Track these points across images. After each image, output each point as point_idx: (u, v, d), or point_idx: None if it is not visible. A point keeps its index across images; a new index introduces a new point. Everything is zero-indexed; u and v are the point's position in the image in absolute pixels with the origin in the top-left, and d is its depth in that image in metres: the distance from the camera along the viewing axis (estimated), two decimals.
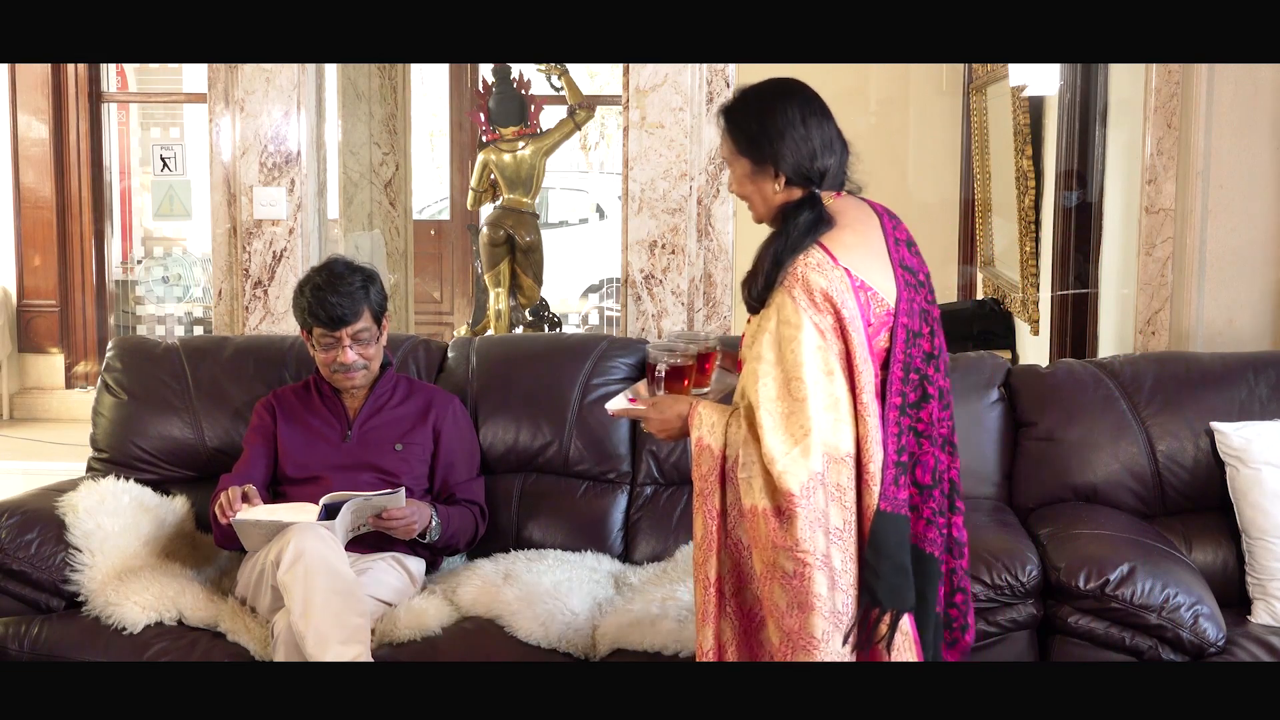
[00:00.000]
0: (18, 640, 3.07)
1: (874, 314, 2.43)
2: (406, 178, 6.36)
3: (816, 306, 2.39)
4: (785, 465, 2.33)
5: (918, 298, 2.51)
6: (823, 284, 2.39)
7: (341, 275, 3.18)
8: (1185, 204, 3.95)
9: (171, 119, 8.72)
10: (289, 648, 2.80)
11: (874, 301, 2.43)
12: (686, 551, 3.30)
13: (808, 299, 2.40)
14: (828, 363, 2.37)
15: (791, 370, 2.37)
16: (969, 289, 6.85)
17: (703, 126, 4.12)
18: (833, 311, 2.38)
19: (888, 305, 2.45)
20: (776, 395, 2.37)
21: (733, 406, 2.50)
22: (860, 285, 2.42)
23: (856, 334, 2.39)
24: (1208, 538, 3.20)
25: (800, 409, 2.35)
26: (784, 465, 2.33)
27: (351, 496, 2.99)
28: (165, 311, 7.62)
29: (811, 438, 2.33)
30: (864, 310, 2.41)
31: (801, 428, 2.34)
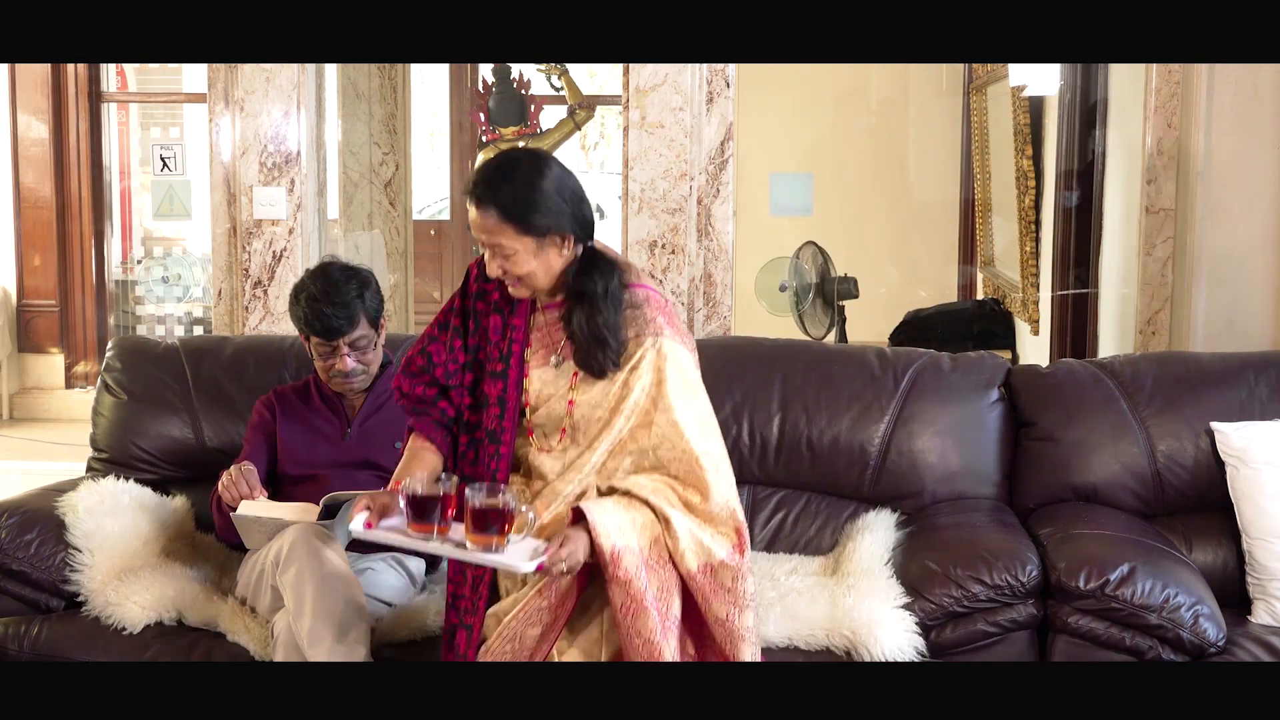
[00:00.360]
0: (18, 640, 3.07)
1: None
2: (406, 178, 6.36)
3: (690, 344, 2.57)
4: (734, 501, 2.50)
5: None
6: (681, 315, 2.46)
7: (337, 283, 3.14)
8: (1185, 204, 3.94)
9: (171, 119, 8.72)
10: (288, 648, 2.80)
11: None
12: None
13: (685, 336, 2.57)
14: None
15: (703, 411, 2.53)
16: (969, 289, 6.86)
17: (703, 126, 4.12)
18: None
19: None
20: (705, 439, 2.50)
21: (611, 491, 2.49)
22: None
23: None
24: (1208, 538, 3.20)
25: (721, 446, 2.53)
26: (734, 502, 2.50)
27: (352, 496, 2.99)
28: (165, 311, 7.62)
29: (728, 468, 2.53)
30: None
31: (726, 462, 2.52)
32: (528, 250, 2.48)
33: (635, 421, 2.50)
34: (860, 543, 3.13)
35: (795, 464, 3.41)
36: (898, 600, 2.86)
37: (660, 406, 2.48)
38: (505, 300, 2.61)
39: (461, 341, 2.66)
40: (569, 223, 2.49)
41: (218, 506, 3.15)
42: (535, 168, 2.49)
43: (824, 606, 2.88)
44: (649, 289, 2.58)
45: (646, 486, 2.46)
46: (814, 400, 3.41)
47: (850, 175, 6.60)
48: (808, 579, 3.07)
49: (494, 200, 2.46)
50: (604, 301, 2.49)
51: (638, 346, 2.50)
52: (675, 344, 2.52)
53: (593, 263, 2.53)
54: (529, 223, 2.46)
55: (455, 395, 2.66)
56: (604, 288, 2.50)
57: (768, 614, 2.88)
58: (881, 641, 2.78)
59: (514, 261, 2.49)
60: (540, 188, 2.46)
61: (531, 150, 2.61)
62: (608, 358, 2.49)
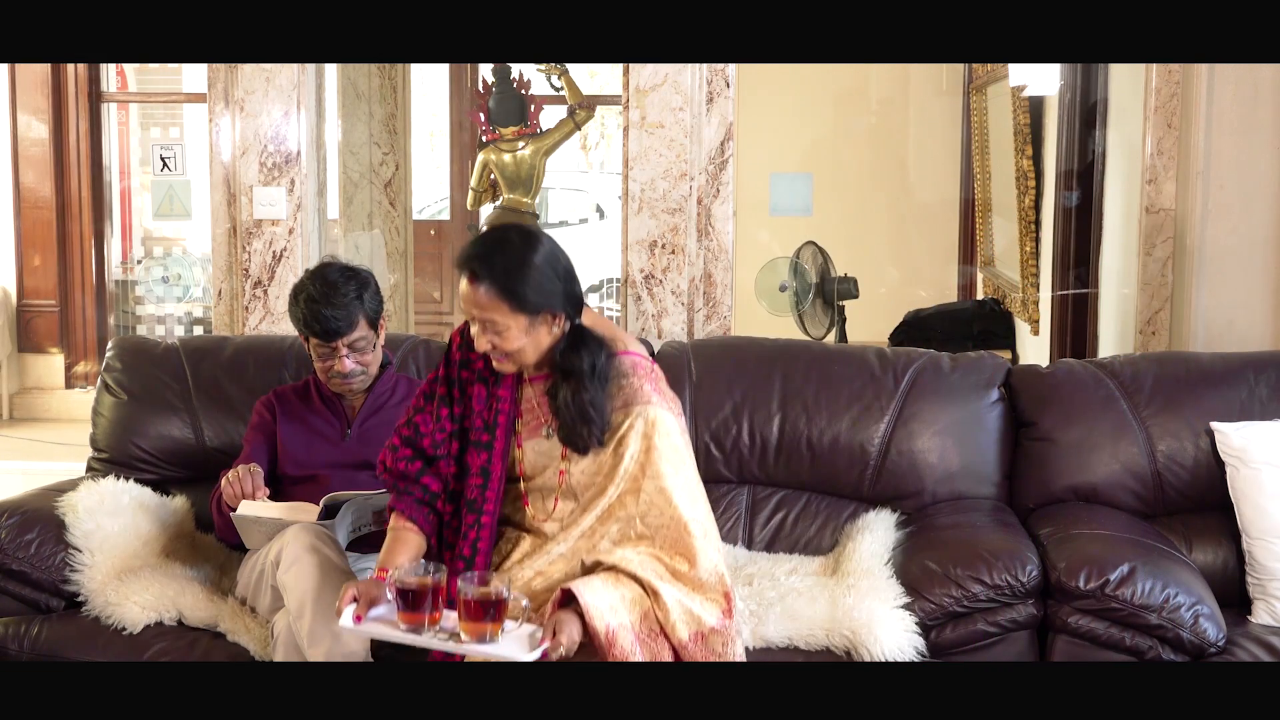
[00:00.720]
0: (18, 640, 3.07)
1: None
2: (406, 178, 6.36)
3: (676, 408, 2.60)
4: (721, 566, 2.53)
5: None
6: (664, 377, 2.62)
7: (335, 284, 3.13)
8: (1185, 204, 3.94)
9: (171, 119, 8.72)
10: (289, 647, 2.80)
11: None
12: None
13: (671, 400, 2.60)
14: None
15: (690, 477, 2.55)
16: (969, 289, 6.86)
17: (703, 126, 4.12)
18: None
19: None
20: (692, 505, 2.52)
21: (600, 568, 2.51)
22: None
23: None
24: (1208, 538, 3.20)
25: (709, 511, 2.57)
26: (721, 566, 2.52)
27: (352, 496, 2.99)
28: (165, 311, 7.62)
29: (715, 533, 2.57)
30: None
31: (713, 527, 2.56)
32: (519, 327, 2.50)
33: (624, 488, 2.54)
34: (860, 543, 3.13)
35: (795, 464, 3.41)
36: (898, 600, 2.86)
37: (649, 474, 2.51)
38: (489, 370, 2.63)
39: (448, 410, 2.69)
40: (560, 301, 2.52)
41: (218, 507, 3.15)
42: (530, 245, 2.51)
43: (824, 606, 2.88)
44: (635, 355, 2.61)
45: (633, 560, 2.49)
46: (814, 400, 3.41)
47: (850, 175, 6.59)
48: (808, 579, 3.07)
49: (489, 276, 2.47)
50: (590, 380, 2.52)
51: (626, 415, 2.54)
52: (663, 411, 2.55)
53: (580, 340, 2.55)
54: (523, 300, 2.48)
55: (443, 465, 2.68)
56: (590, 365, 2.52)
57: (767, 614, 2.88)
58: (881, 641, 2.78)
59: (505, 338, 2.51)
60: (535, 265, 2.48)
61: (524, 227, 2.62)
62: (592, 435, 2.52)
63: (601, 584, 2.45)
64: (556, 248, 2.55)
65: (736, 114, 4.15)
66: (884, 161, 6.74)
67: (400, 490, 2.69)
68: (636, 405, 2.54)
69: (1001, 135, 6.06)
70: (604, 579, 2.47)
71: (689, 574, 2.50)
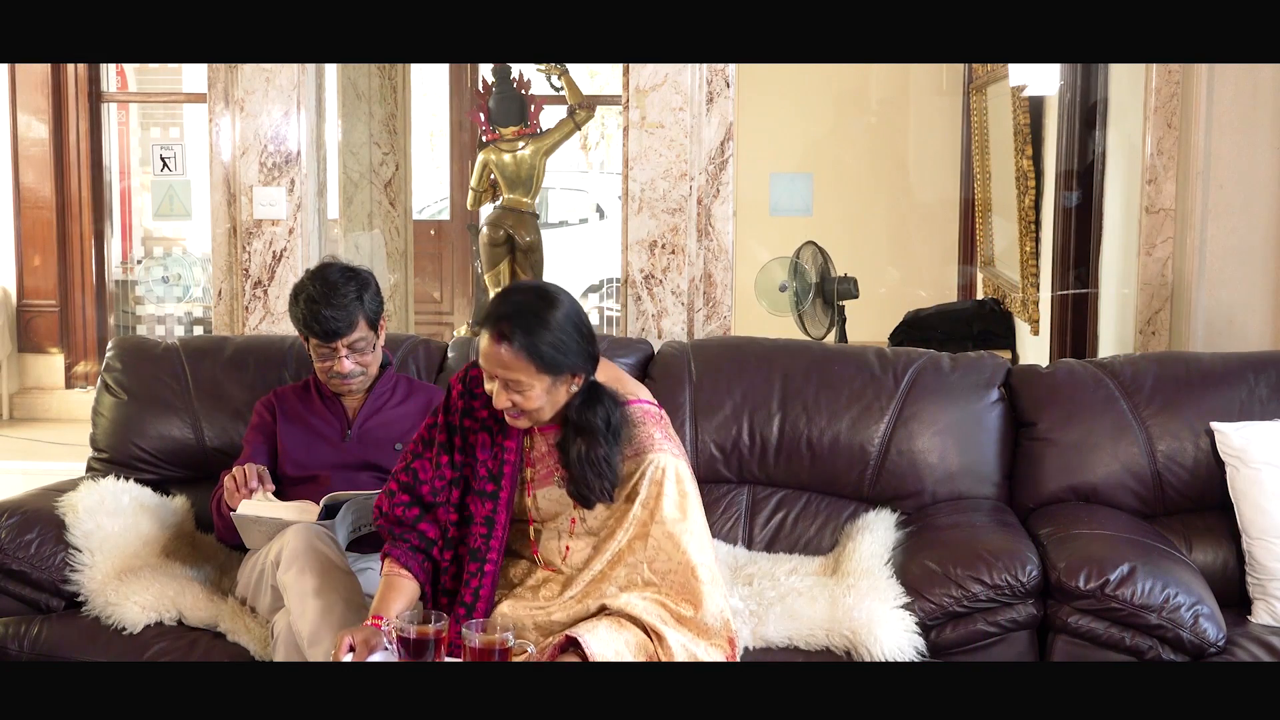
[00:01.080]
0: (18, 640, 3.07)
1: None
2: (406, 178, 6.36)
3: (683, 454, 2.62)
4: (727, 611, 2.55)
5: None
6: (670, 423, 2.67)
7: (336, 285, 3.13)
8: (1185, 204, 3.95)
9: (171, 119, 8.72)
10: (289, 647, 2.80)
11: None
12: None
13: (678, 446, 2.62)
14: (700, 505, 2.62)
15: (698, 523, 2.56)
16: (969, 289, 6.86)
17: (703, 126, 4.12)
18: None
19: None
20: (700, 550, 2.54)
21: (605, 612, 2.53)
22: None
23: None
24: (1208, 538, 3.20)
25: (714, 556, 2.59)
26: (727, 612, 2.55)
27: (352, 496, 2.99)
28: (165, 311, 7.62)
29: (720, 578, 2.59)
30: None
31: (718, 572, 2.59)
32: (542, 386, 2.51)
33: (633, 533, 2.55)
34: (860, 543, 3.13)
35: (795, 464, 3.41)
36: (898, 600, 2.86)
37: (657, 519, 2.53)
38: (494, 419, 2.64)
39: (448, 458, 2.68)
40: (582, 361, 2.53)
41: (218, 508, 3.15)
42: (555, 305, 2.51)
43: (824, 606, 2.88)
44: (644, 403, 2.64)
45: (638, 605, 2.50)
46: (814, 400, 3.41)
47: (850, 175, 6.59)
48: (808, 579, 3.07)
49: (517, 337, 2.47)
50: (605, 435, 2.54)
51: (638, 463, 2.56)
52: (671, 458, 2.57)
53: (595, 395, 2.56)
54: (549, 362, 2.49)
55: (441, 513, 2.68)
56: (605, 421, 2.54)
57: (767, 614, 2.88)
58: (881, 641, 2.78)
59: (527, 397, 2.51)
60: (561, 326, 2.49)
61: (547, 287, 2.60)
62: (604, 490, 2.55)
63: (605, 629, 2.46)
64: (576, 305, 2.57)
65: (736, 114, 4.15)
66: (884, 161, 6.74)
67: (395, 536, 2.68)
68: (648, 453, 2.56)
69: (1001, 135, 6.06)
70: (608, 624, 2.48)
71: (694, 619, 2.52)
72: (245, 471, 3.05)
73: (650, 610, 2.49)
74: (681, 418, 3.44)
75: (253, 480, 3.02)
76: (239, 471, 3.06)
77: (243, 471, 3.05)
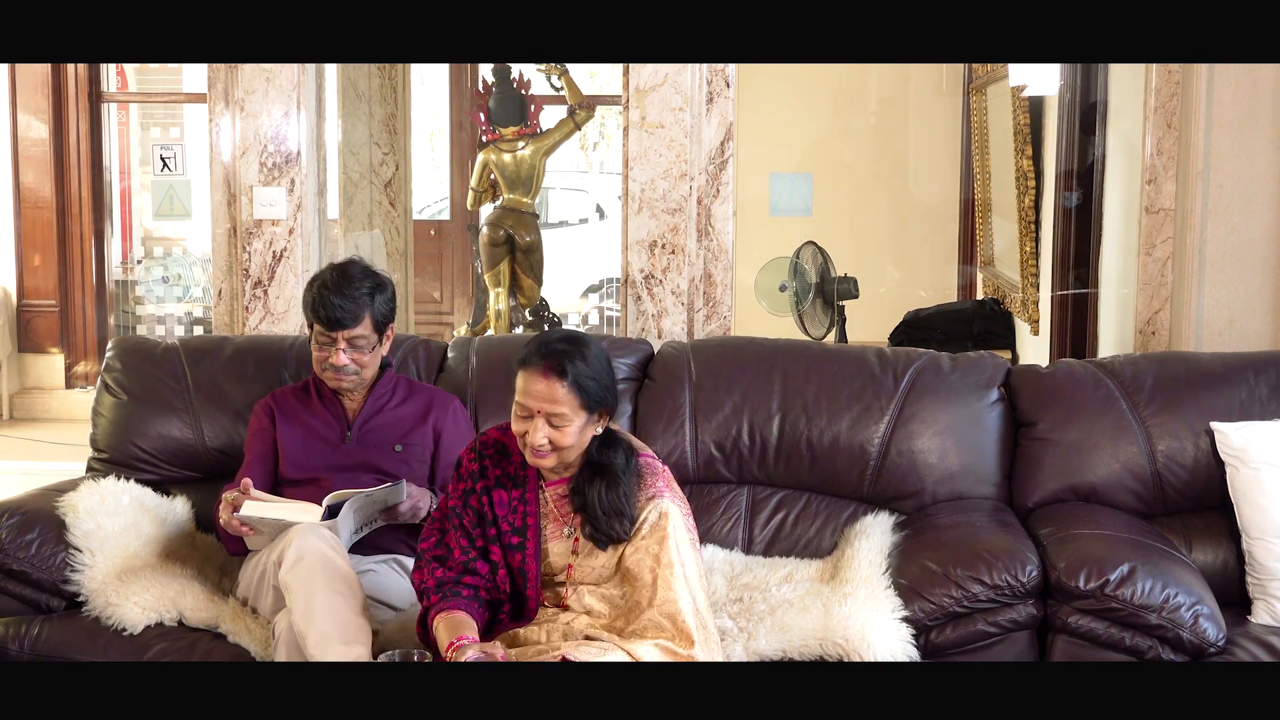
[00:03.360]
0: (18, 640, 3.07)
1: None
2: (406, 178, 6.37)
3: (683, 500, 2.71)
4: (716, 653, 2.64)
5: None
6: (671, 476, 2.75)
7: (351, 279, 3.16)
8: (1185, 204, 3.94)
9: (171, 119, 8.73)
10: (290, 648, 2.80)
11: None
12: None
13: (679, 496, 2.71)
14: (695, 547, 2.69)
15: (692, 568, 2.63)
16: (969, 289, 6.86)
17: (703, 126, 4.12)
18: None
19: None
20: (692, 597, 2.60)
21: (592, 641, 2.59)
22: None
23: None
24: (1208, 538, 3.20)
25: (705, 597, 2.67)
26: (715, 654, 2.64)
27: (353, 495, 2.99)
28: (165, 311, 7.62)
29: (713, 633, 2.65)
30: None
31: (709, 614, 2.66)
32: (580, 423, 2.61)
33: (633, 574, 2.63)
34: (859, 548, 3.11)
35: (795, 464, 3.41)
36: (894, 611, 2.84)
37: (663, 562, 2.60)
38: (506, 475, 2.74)
39: (480, 530, 2.76)
40: (613, 399, 2.67)
41: (223, 531, 3.13)
42: (590, 345, 2.64)
43: (816, 616, 2.85)
44: (649, 457, 2.75)
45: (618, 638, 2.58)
46: (814, 400, 3.41)
47: (850, 175, 6.59)
48: (801, 587, 3.04)
49: (569, 373, 2.58)
50: (624, 474, 2.66)
51: (642, 509, 2.65)
52: (673, 505, 2.66)
53: (613, 438, 2.70)
54: (593, 397, 2.61)
55: (481, 566, 2.75)
56: (625, 462, 2.67)
57: (758, 629, 2.86)
58: (875, 648, 2.75)
59: (564, 433, 2.60)
60: (601, 365, 2.63)
61: (576, 332, 2.74)
62: (623, 528, 2.64)
63: (589, 648, 2.54)
64: (604, 348, 2.71)
65: (736, 114, 4.15)
66: (884, 161, 6.74)
67: (447, 594, 2.72)
68: (652, 499, 2.66)
69: (1001, 135, 6.06)
70: (596, 648, 2.54)
71: (682, 650, 2.56)
72: (236, 502, 3.03)
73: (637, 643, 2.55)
74: (681, 418, 3.44)
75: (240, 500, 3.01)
76: (229, 497, 3.04)
77: (230, 506, 3.02)
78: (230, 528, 3.00)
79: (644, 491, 2.67)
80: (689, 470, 3.45)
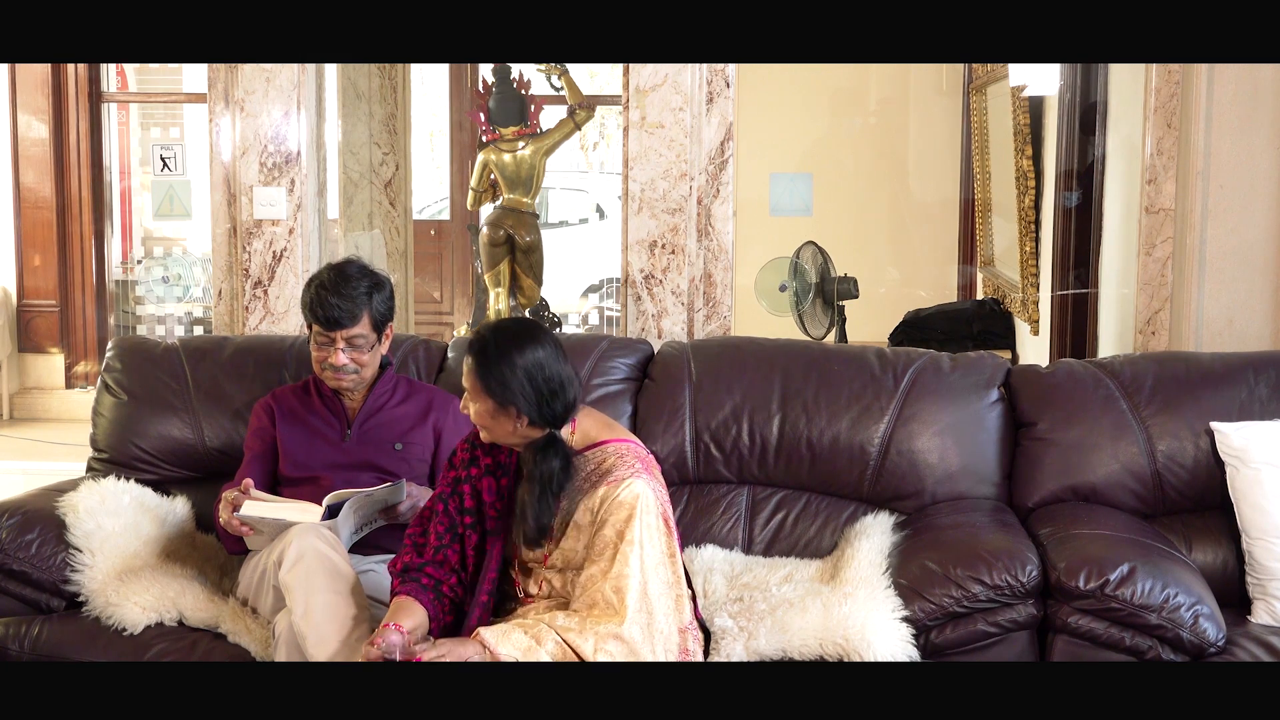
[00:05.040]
0: (18, 640, 3.07)
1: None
2: (406, 178, 6.36)
3: (661, 490, 2.71)
4: (671, 635, 2.64)
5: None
6: (658, 466, 2.75)
7: (349, 278, 3.17)
8: (1185, 204, 3.95)
9: (171, 119, 8.73)
10: (290, 647, 2.80)
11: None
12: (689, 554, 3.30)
13: (658, 481, 2.72)
14: (670, 547, 2.68)
15: (655, 551, 2.63)
16: (969, 289, 6.86)
17: (703, 126, 4.12)
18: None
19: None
20: (646, 576, 2.61)
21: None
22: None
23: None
24: (1208, 538, 3.20)
25: (668, 578, 2.66)
26: (668, 632, 2.63)
27: (354, 494, 2.99)
28: (165, 311, 7.62)
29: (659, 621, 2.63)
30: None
31: (665, 596, 2.64)
32: (485, 409, 2.67)
33: (597, 549, 2.64)
34: (859, 549, 3.11)
35: (795, 464, 3.41)
36: (895, 611, 2.84)
37: (625, 539, 2.61)
38: (495, 464, 2.81)
39: (461, 516, 2.82)
40: (527, 406, 2.65)
41: (221, 528, 3.13)
42: (519, 345, 2.66)
43: (816, 615, 2.85)
44: (630, 441, 2.76)
45: (561, 622, 2.58)
46: (814, 400, 3.41)
47: (850, 175, 6.59)
48: (800, 587, 3.04)
49: (470, 355, 2.68)
50: (546, 485, 2.66)
51: (615, 487, 2.65)
52: (646, 488, 2.66)
53: (550, 447, 2.68)
54: (490, 391, 2.65)
55: (452, 557, 2.80)
56: (550, 474, 2.66)
57: (758, 628, 2.86)
58: (875, 647, 2.75)
59: (474, 412, 2.70)
60: (514, 364, 2.64)
61: (530, 326, 2.75)
62: (527, 533, 2.68)
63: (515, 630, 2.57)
64: (552, 358, 2.68)
65: (736, 114, 4.15)
66: (884, 161, 6.74)
67: (407, 578, 2.78)
68: (626, 478, 2.66)
69: (1001, 135, 6.06)
70: (519, 633, 2.57)
71: (600, 625, 2.56)
72: (236, 502, 3.03)
73: (572, 622, 2.57)
74: (681, 418, 3.44)
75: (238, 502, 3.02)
76: (229, 496, 3.04)
77: (230, 506, 3.02)
78: (230, 527, 3.00)
79: (618, 470, 2.67)
80: (689, 470, 3.45)
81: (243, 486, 3.02)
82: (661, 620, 2.61)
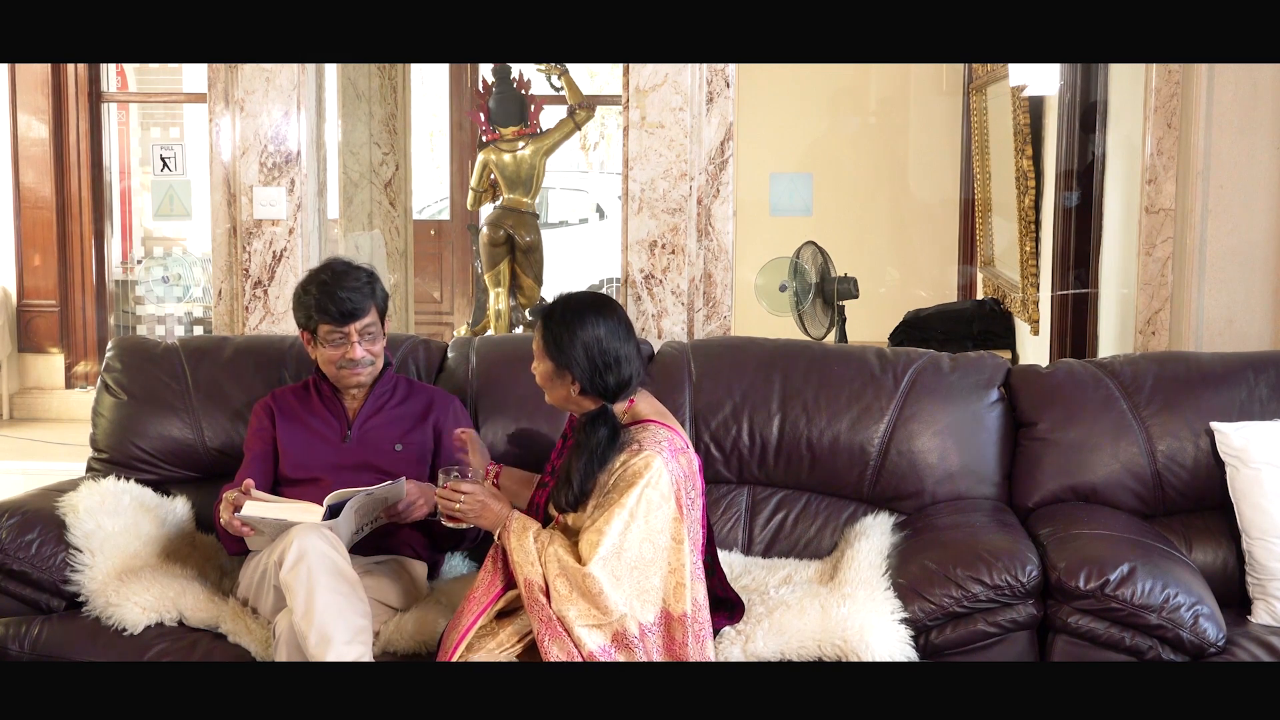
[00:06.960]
0: (18, 640, 3.07)
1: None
2: (406, 178, 6.37)
3: (678, 468, 2.74)
4: (621, 606, 2.65)
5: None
6: (696, 461, 2.81)
7: (346, 271, 3.20)
8: (1185, 204, 3.95)
9: (171, 119, 8.73)
10: (291, 647, 2.80)
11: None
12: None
13: (678, 466, 2.74)
14: (677, 532, 2.73)
15: (636, 527, 2.67)
16: (969, 289, 6.86)
17: (703, 126, 4.12)
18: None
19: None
20: (620, 549, 2.67)
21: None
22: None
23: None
24: (1208, 538, 3.20)
25: (649, 555, 2.70)
26: (621, 606, 2.65)
27: (355, 494, 2.99)
28: (165, 311, 7.62)
29: (625, 584, 2.67)
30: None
31: (630, 573, 2.68)
32: (545, 370, 2.82)
33: (601, 506, 2.71)
34: (859, 550, 3.10)
35: (795, 464, 3.41)
36: (894, 613, 2.84)
37: (621, 502, 2.67)
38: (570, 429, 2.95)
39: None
40: (579, 374, 2.76)
41: (223, 532, 3.13)
42: (583, 316, 2.78)
43: (814, 617, 2.85)
44: (672, 429, 2.82)
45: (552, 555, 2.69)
46: (814, 400, 3.41)
47: (850, 175, 6.59)
48: (799, 589, 3.04)
49: (540, 317, 2.84)
50: (592, 454, 2.74)
51: (634, 455, 2.72)
52: (663, 465, 2.71)
53: (600, 419, 2.78)
54: (550, 353, 2.79)
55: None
56: (597, 443, 2.75)
57: (755, 631, 2.86)
58: (873, 648, 2.75)
59: (538, 372, 2.84)
60: (575, 333, 2.76)
61: (601, 300, 2.84)
62: (568, 499, 2.76)
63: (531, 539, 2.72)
64: (610, 338, 2.78)
65: (736, 114, 4.15)
66: (884, 161, 6.74)
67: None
68: (645, 454, 2.71)
69: (1001, 135, 6.06)
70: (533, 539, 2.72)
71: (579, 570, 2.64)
72: (237, 502, 3.02)
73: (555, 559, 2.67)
74: (681, 418, 3.44)
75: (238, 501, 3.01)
76: (229, 496, 3.03)
77: (231, 506, 3.02)
78: (231, 528, 3.00)
79: (644, 446, 2.73)
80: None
81: (243, 487, 3.02)
82: (623, 592, 2.64)
